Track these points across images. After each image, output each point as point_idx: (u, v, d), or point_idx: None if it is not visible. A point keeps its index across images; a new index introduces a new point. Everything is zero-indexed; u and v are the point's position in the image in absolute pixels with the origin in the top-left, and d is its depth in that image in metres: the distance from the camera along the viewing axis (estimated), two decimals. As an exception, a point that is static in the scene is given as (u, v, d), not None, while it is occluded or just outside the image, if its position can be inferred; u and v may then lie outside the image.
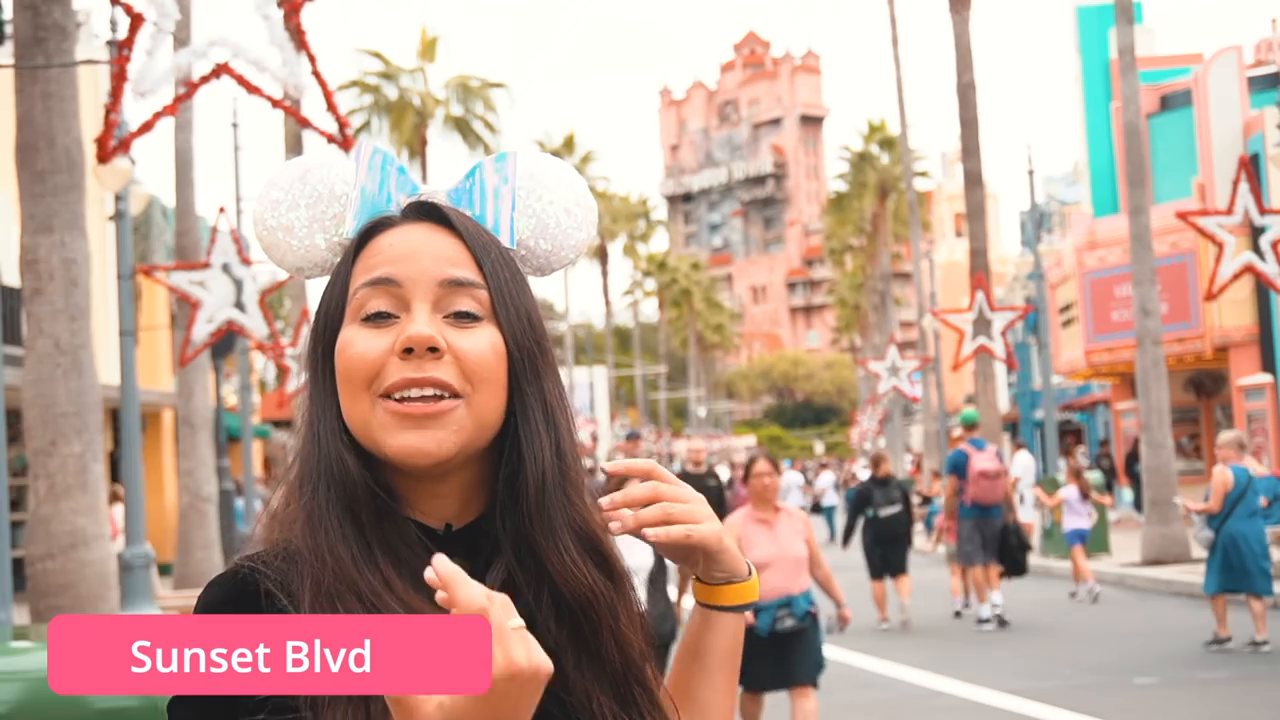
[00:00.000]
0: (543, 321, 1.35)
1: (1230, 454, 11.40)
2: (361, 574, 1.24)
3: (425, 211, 1.34)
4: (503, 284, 1.31)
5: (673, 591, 7.43)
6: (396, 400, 1.25)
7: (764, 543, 7.06)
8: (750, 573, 1.41)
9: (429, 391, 1.26)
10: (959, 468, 13.83)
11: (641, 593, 6.46)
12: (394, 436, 1.25)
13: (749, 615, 6.08)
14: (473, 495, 1.32)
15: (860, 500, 14.40)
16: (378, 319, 1.28)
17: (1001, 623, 13.25)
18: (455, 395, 1.26)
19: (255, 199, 1.39)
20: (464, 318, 1.29)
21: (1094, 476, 21.49)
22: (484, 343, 1.28)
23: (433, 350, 1.25)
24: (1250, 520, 11.10)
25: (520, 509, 1.29)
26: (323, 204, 1.37)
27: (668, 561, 6.76)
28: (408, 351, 1.25)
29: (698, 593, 1.41)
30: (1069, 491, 16.67)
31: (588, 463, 14.75)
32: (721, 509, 13.99)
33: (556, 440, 1.31)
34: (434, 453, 1.25)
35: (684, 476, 14.09)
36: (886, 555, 13.95)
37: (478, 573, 1.29)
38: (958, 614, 14.18)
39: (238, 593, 1.25)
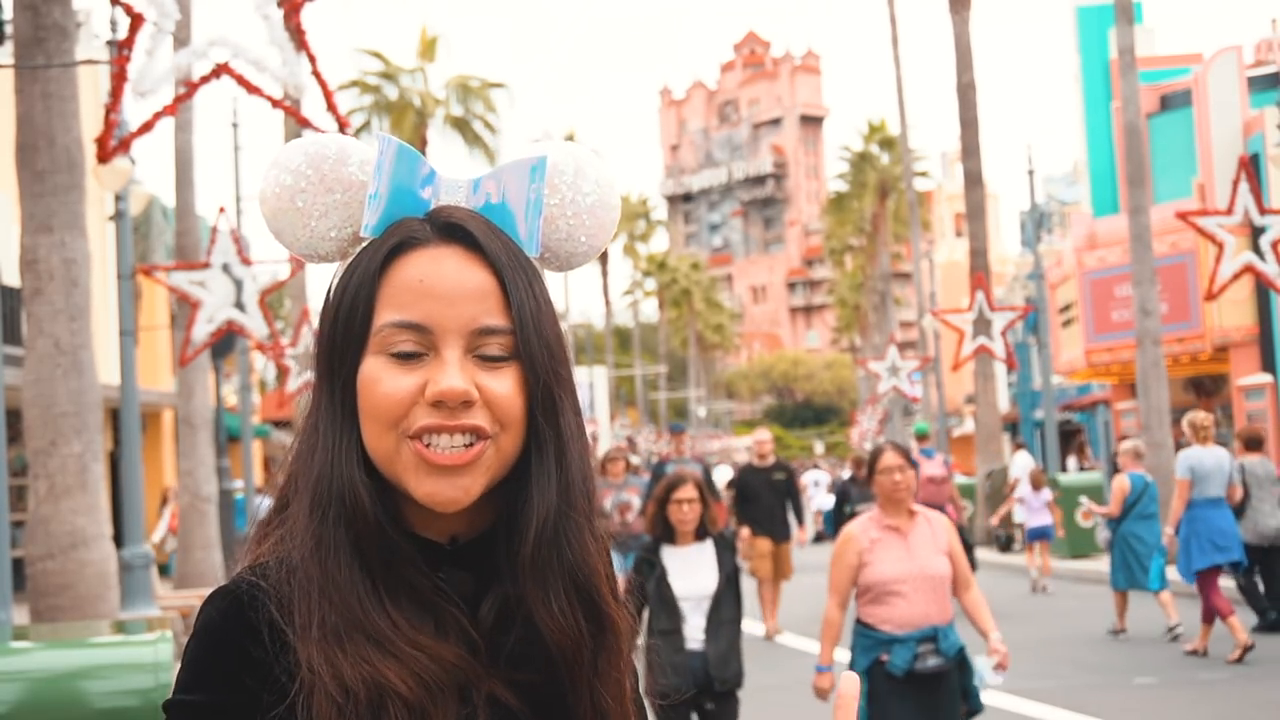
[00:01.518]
0: (564, 345, 1.33)
1: (1129, 462, 12.42)
2: (368, 616, 1.23)
3: (455, 234, 1.29)
4: (528, 318, 1.28)
5: (756, 626, 6.89)
6: (425, 445, 1.24)
7: (896, 557, 5.59)
8: None
9: (459, 441, 1.24)
10: None
11: (699, 621, 6.12)
12: (421, 483, 1.24)
13: (883, 653, 5.55)
14: (483, 511, 1.31)
15: (840, 498, 15.90)
16: (406, 358, 1.26)
17: None
18: (484, 436, 1.25)
19: (262, 176, 1.34)
20: (492, 360, 1.27)
21: (1096, 477, 21.51)
22: (511, 386, 1.27)
23: (465, 403, 1.24)
24: (1144, 522, 12.04)
25: (516, 549, 1.28)
26: (333, 193, 1.32)
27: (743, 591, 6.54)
28: (437, 404, 1.24)
29: None
30: (1024, 490, 17.03)
31: (695, 467, 14.28)
32: (794, 501, 13.85)
33: (565, 477, 1.29)
34: (461, 500, 1.25)
35: (749, 470, 13.92)
36: None
37: (479, 589, 1.30)
38: None
39: (237, 611, 1.24)
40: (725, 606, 6.19)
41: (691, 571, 6.16)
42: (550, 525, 1.27)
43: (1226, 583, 11.91)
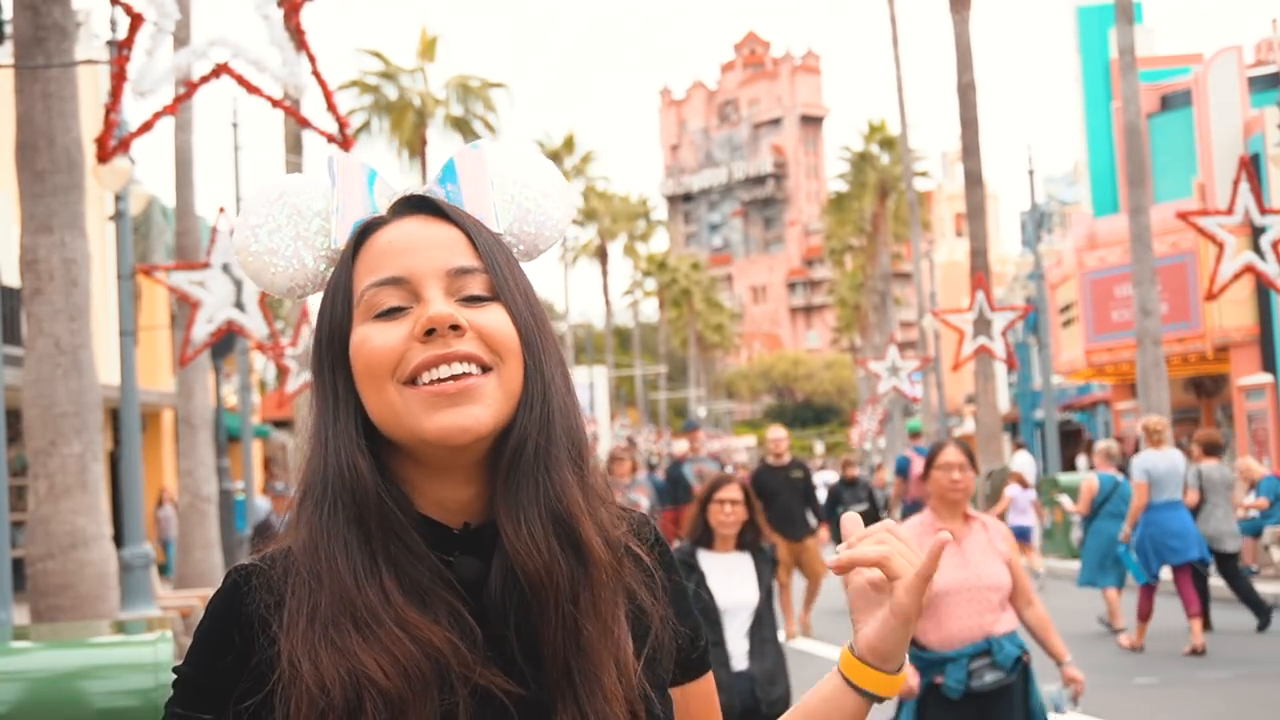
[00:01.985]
0: (539, 300, 1.36)
1: (1101, 462, 12.88)
2: (361, 590, 1.24)
3: (415, 204, 1.35)
4: (501, 264, 1.32)
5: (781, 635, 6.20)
6: (426, 384, 1.25)
7: (949, 564, 4.93)
8: (901, 668, 1.35)
9: (458, 369, 1.26)
10: (903, 470, 16.28)
11: (742, 643, 5.53)
12: (430, 419, 1.25)
13: (936, 675, 5.02)
14: (489, 481, 1.31)
15: (831, 500, 15.92)
16: (391, 313, 1.28)
17: None
18: (485, 368, 1.27)
19: (234, 227, 1.39)
20: (475, 300, 1.29)
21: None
22: (500, 318, 1.29)
23: (454, 328, 1.26)
24: (1114, 521, 12.23)
25: (538, 482, 1.28)
26: (304, 221, 1.37)
27: (776, 601, 5.93)
28: (429, 334, 1.25)
29: (843, 662, 1.37)
30: (1014, 490, 17.24)
31: (712, 465, 14.33)
32: (811, 504, 13.48)
33: (547, 412, 1.30)
34: (472, 428, 1.25)
35: (765, 470, 13.51)
36: None
37: (488, 576, 1.29)
38: None
39: (234, 594, 1.29)
40: (766, 624, 5.64)
41: (731, 581, 5.54)
42: (529, 449, 1.28)
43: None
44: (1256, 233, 14.26)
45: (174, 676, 1.30)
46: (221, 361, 22.17)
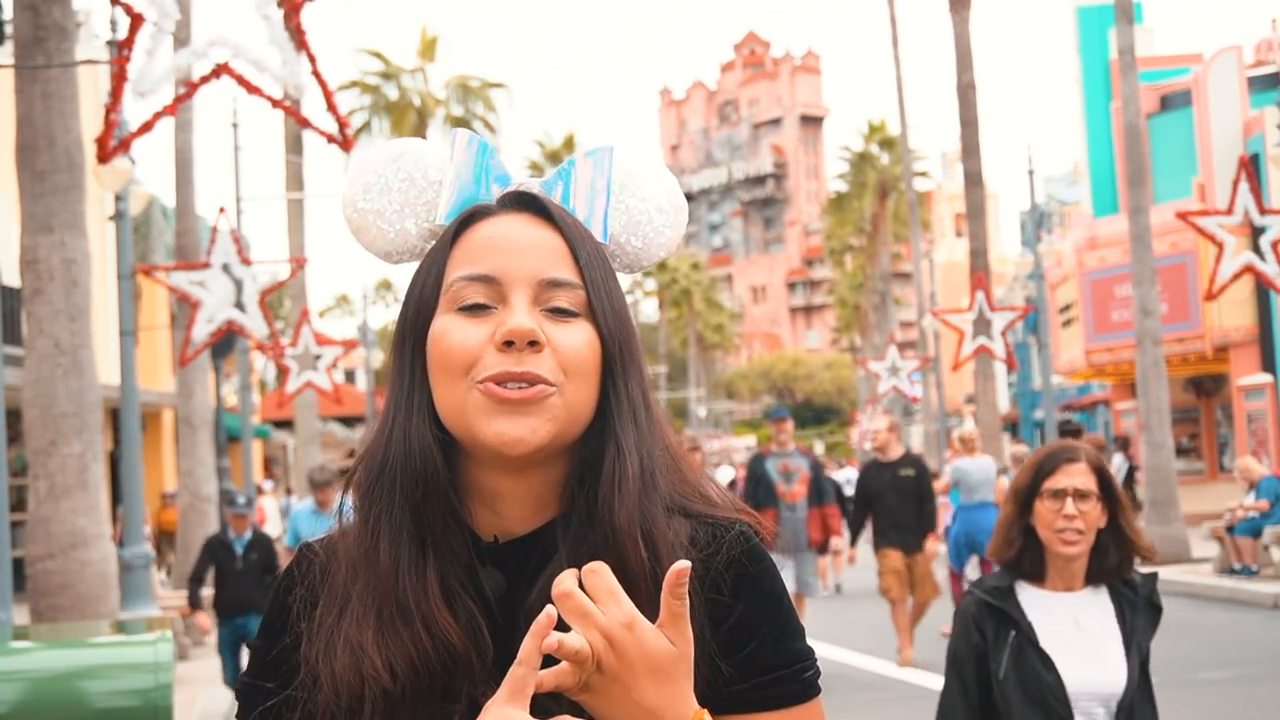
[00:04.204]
0: (631, 322, 1.34)
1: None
2: (400, 580, 1.24)
3: (524, 202, 1.33)
4: (598, 281, 1.30)
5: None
6: (491, 385, 1.25)
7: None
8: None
9: (526, 383, 1.25)
10: None
11: None
12: (489, 422, 1.24)
13: None
14: (548, 503, 1.30)
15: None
16: (475, 310, 1.27)
17: None
18: (549, 385, 1.25)
19: (346, 181, 1.38)
20: (561, 314, 1.27)
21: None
22: (581, 338, 1.27)
23: (533, 344, 1.24)
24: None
25: (600, 500, 1.25)
26: (416, 189, 1.35)
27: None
28: (508, 344, 1.24)
29: None
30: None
31: (802, 461, 11.62)
32: (929, 502, 11.26)
33: (631, 438, 1.28)
34: (528, 439, 1.24)
35: (872, 468, 11.50)
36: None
37: (519, 586, 1.28)
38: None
39: (291, 580, 1.35)
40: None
41: (1078, 644, 3.10)
42: (646, 470, 1.27)
43: None
44: (1256, 233, 14.26)
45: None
46: (221, 361, 22.17)
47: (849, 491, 16.52)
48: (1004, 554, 3.18)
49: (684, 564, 1.13)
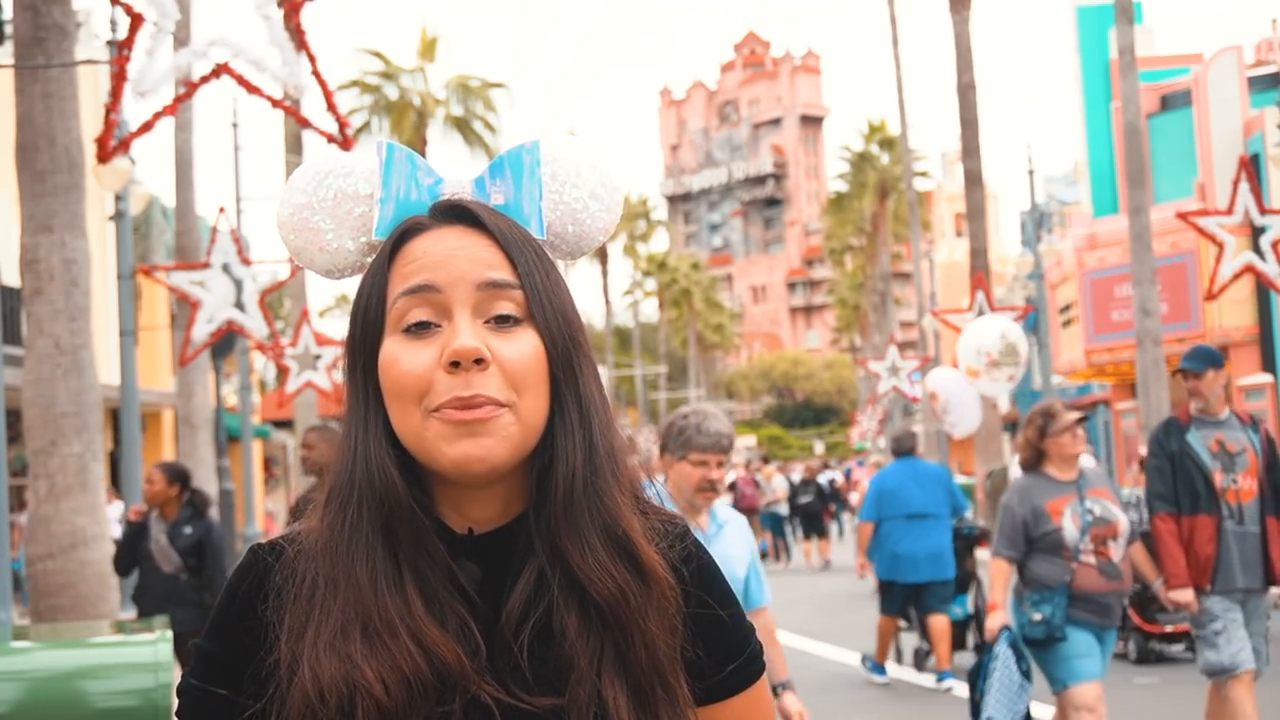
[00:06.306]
0: (579, 315, 1.35)
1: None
2: (379, 598, 1.24)
3: (457, 213, 1.34)
4: (538, 283, 1.31)
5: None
6: (444, 409, 1.26)
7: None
8: None
9: (475, 406, 1.26)
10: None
11: None
12: (449, 447, 1.25)
13: None
14: (515, 498, 1.32)
15: (791, 494, 21.40)
16: (420, 329, 1.28)
17: None
18: (499, 404, 1.26)
19: (278, 204, 1.38)
20: (504, 321, 1.29)
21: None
22: (526, 348, 1.28)
23: (479, 362, 1.25)
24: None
25: (548, 509, 1.29)
26: (347, 204, 1.36)
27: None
28: (454, 365, 1.25)
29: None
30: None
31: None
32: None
33: (590, 438, 1.30)
34: (487, 459, 1.25)
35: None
36: (807, 527, 24.84)
37: (503, 577, 1.30)
38: None
39: (250, 580, 1.32)
40: None
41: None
42: (580, 479, 1.29)
43: None
44: (1256, 233, 14.25)
45: (195, 652, 1.33)
46: (221, 361, 22.17)
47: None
48: None
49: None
